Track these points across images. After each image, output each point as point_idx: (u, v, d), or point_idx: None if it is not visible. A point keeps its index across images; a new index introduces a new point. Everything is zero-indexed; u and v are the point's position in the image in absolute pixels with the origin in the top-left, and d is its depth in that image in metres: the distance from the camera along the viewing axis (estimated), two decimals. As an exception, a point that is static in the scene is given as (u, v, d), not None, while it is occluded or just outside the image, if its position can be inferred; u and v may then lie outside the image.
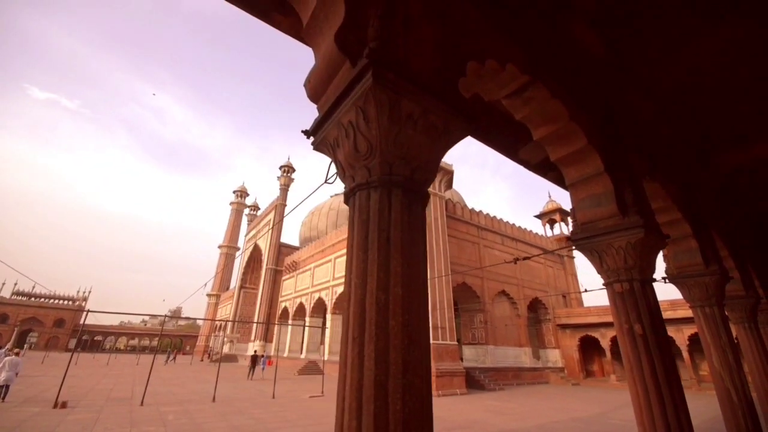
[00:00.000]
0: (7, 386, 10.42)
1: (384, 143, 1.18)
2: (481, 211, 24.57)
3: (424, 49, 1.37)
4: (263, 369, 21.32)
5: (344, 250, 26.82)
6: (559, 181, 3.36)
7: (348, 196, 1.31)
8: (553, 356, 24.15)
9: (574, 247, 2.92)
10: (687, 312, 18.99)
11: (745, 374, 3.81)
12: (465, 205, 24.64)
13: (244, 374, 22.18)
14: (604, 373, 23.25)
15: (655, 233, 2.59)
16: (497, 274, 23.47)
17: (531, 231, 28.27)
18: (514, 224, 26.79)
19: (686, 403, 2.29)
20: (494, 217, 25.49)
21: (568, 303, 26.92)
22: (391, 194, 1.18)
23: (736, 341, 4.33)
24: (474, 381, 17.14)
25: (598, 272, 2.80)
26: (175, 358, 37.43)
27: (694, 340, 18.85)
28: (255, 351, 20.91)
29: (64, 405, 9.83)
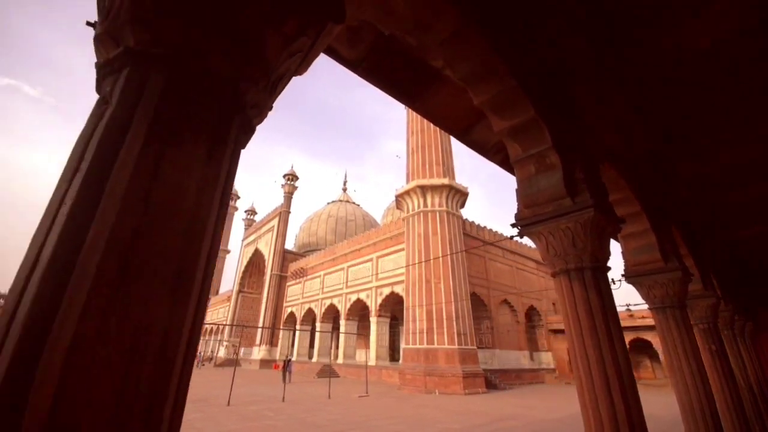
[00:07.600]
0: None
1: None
2: (485, 227, 27.15)
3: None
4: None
5: (357, 260, 28.68)
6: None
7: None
8: (546, 358, 27.01)
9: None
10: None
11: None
12: (473, 222, 27.08)
13: (268, 378, 23.41)
14: (589, 373, 26.34)
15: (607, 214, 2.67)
16: (500, 284, 26.08)
17: (526, 244, 31.18)
18: (511, 238, 29.55)
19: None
20: (496, 232, 28.14)
21: (557, 310, 30.02)
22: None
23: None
24: (488, 381, 19.42)
25: (544, 259, 2.61)
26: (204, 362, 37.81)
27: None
28: (286, 356, 22.26)
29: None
